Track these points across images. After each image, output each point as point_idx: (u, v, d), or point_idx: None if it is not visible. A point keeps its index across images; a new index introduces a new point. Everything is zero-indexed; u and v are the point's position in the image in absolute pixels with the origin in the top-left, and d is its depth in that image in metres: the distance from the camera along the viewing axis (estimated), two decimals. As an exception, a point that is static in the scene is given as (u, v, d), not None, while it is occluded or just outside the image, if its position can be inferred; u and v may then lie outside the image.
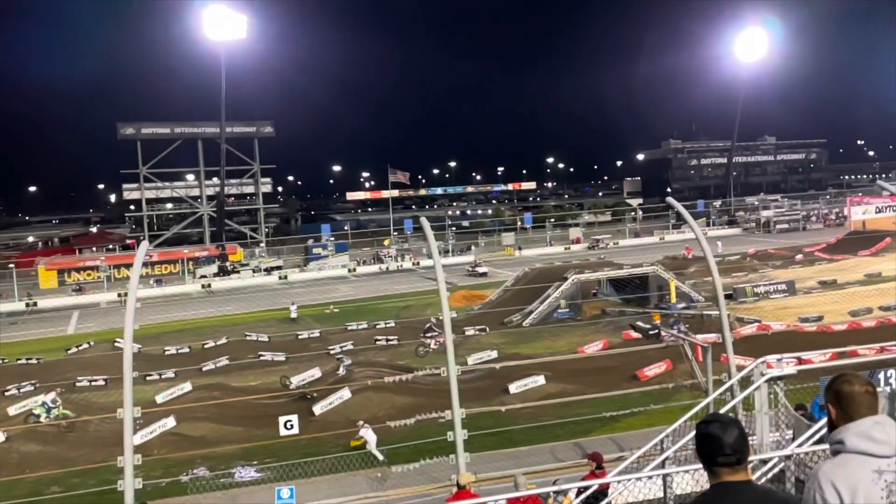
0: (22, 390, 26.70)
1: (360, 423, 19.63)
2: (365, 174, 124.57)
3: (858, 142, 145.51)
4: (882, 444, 2.53)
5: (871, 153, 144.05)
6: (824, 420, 3.17)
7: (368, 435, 18.96)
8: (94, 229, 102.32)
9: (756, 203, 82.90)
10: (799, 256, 49.14)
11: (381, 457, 18.35)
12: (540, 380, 24.39)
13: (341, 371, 26.38)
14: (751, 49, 75.75)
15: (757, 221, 76.36)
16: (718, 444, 2.56)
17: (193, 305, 48.85)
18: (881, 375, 7.33)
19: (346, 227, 79.85)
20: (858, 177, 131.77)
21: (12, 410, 24.47)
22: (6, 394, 26.51)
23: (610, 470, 9.55)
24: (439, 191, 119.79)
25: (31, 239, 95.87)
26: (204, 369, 29.17)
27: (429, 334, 30.21)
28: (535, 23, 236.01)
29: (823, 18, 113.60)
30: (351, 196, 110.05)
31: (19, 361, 31.98)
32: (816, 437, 6.36)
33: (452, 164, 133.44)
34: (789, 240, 62.46)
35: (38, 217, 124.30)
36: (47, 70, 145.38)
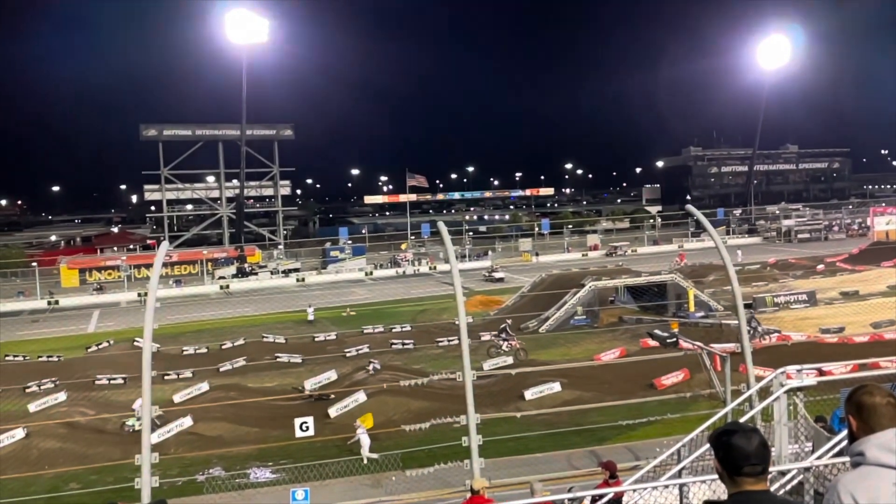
0: (42, 387, 27.07)
1: (357, 423, 19.72)
2: (383, 178, 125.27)
3: (882, 151, 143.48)
4: (903, 456, 2.50)
5: (894, 163, 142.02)
6: (844, 432, 3.14)
7: (364, 438, 18.99)
8: (115, 229, 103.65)
9: (777, 212, 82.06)
10: (820, 266, 48.54)
11: (373, 456, 18.40)
12: (556, 386, 24.27)
13: (371, 370, 26.62)
14: (774, 56, 75.10)
15: (778, 230, 75.57)
16: (744, 453, 2.55)
17: (212, 306, 49.23)
18: (903, 388, 7.22)
19: (363, 231, 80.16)
20: (882, 187, 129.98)
21: (33, 407, 24.80)
22: (27, 391, 26.88)
23: (625, 479, 9.49)
24: (457, 195, 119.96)
25: (53, 238, 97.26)
26: (221, 370, 29.38)
27: (502, 335, 29.97)
28: (556, 29, 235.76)
29: (847, 26, 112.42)
30: (369, 199, 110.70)
31: (40, 359, 32.42)
32: (836, 449, 6.29)
33: (470, 168, 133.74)
34: (810, 249, 61.71)
35: (61, 216, 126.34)
36: (72, 72, 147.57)
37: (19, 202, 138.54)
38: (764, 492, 2.57)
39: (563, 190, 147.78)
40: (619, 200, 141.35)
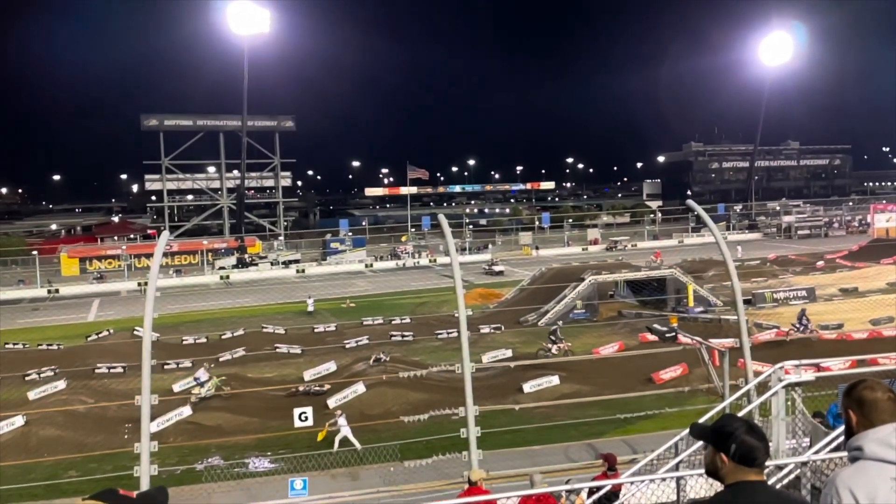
0: (42, 375, 27.11)
1: (338, 412, 19.77)
2: (384, 170, 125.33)
3: (883, 148, 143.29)
4: (901, 451, 2.50)
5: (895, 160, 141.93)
6: (842, 427, 3.14)
7: (344, 429, 19.04)
8: (116, 219, 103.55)
9: (777, 208, 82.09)
10: (820, 263, 48.57)
11: (335, 448, 18.45)
12: (554, 380, 24.31)
13: (372, 362, 26.80)
14: (776, 53, 74.91)
15: (778, 226, 75.64)
16: (756, 445, 2.57)
17: (211, 296, 49.29)
18: (901, 385, 7.23)
19: (363, 223, 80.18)
20: (882, 184, 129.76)
21: (32, 395, 24.84)
22: (27, 378, 26.92)
23: (623, 472, 9.52)
24: (457, 189, 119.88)
25: (54, 227, 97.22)
26: (221, 359, 29.41)
27: (551, 337, 29.65)
28: (557, 24, 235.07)
29: (849, 23, 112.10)
30: (369, 192, 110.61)
31: (40, 347, 32.46)
32: (833, 444, 6.31)
33: (471, 162, 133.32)
34: (810, 246, 61.76)
35: (61, 205, 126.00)
36: (73, 61, 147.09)
37: (20, 191, 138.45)
38: (762, 482, 2.59)
39: (564, 184, 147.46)
40: (619, 195, 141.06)
